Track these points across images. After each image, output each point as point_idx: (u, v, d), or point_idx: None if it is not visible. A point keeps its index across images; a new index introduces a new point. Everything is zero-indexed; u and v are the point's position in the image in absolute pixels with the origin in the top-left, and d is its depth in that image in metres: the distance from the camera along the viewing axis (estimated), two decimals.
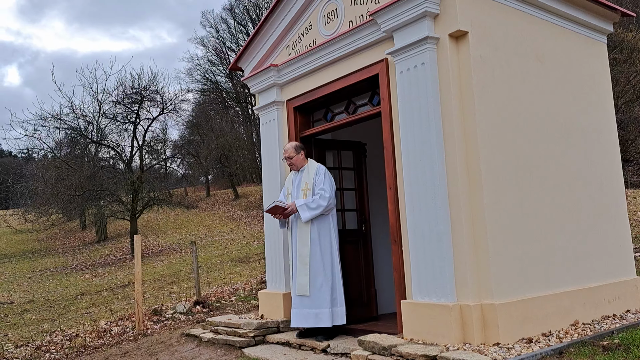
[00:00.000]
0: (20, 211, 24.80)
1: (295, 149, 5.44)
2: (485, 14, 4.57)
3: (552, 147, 5.01)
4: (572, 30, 5.50)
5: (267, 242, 6.22)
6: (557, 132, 5.10)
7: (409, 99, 4.55)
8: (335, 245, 5.24)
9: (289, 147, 5.45)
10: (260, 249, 16.50)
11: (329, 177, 5.32)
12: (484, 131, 4.35)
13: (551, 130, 5.03)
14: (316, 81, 5.67)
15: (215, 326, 5.98)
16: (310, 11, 5.85)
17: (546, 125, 4.99)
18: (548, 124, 5.01)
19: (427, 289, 4.32)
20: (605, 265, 5.30)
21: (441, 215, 4.28)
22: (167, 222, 29.54)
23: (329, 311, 5.01)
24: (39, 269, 20.14)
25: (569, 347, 4.01)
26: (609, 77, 5.99)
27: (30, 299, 12.62)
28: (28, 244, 28.00)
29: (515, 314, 4.18)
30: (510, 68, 4.73)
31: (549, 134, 5.00)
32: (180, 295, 10.33)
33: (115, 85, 23.94)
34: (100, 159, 24.12)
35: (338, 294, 5.14)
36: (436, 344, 4.08)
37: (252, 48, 6.47)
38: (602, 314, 5.02)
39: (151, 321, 7.53)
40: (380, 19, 4.73)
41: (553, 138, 5.04)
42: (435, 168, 4.33)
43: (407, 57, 4.56)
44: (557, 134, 5.10)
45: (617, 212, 5.65)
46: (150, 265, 17.38)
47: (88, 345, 6.55)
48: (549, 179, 4.89)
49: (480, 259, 4.20)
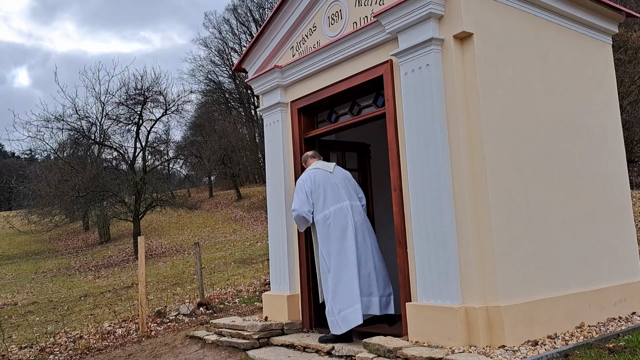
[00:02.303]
0: (23, 212, 24.86)
1: (302, 160, 5.58)
2: (490, 15, 4.55)
3: (557, 148, 4.99)
4: (576, 31, 5.48)
5: (271, 244, 6.20)
6: (562, 133, 5.08)
7: (414, 100, 4.54)
8: (324, 251, 5.06)
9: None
10: (264, 250, 16.49)
11: (297, 186, 5.22)
12: (489, 132, 4.33)
13: (556, 131, 5.02)
14: (320, 82, 5.67)
15: (219, 328, 5.97)
16: (315, 12, 5.84)
17: (551, 126, 4.97)
18: (553, 124, 5.00)
19: (433, 291, 4.31)
20: (610, 267, 5.28)
21: (446, 217, 4.26)
22: (170, 223, 29.56)
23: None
24: (42, 270, 20.18)
25: (575, 350, 3.99)
26: (614, 77, 5.96)
27: (34, 301, 12.64)
28: (31, 245, 28.05)
29: (521, 316, 4.16)
30: (515, 69, 4.72)
31: (554, 135, 4.98)
32: (184, 296, 10.33)
33: (119, 86, 23.93)
34: (103, 160, 24.17)
35: (328, 296, 4.98)
36: (441, 347, 4.06)
37: (256, 49, 6.47)
38: (607, 316, 4.99)
39: (155, 323, 7.53)
40: (384, 21, 4.71)
41: (558, 139, 5.02)
42: (440, 169, 4.31)
43: (412, 59, 4.55)
44: (563, 135, 5.08)
45: (623, 214, 5.62)
46: (153, 267, 17.39)
47: (92, 347, 6.55)
48: (554, 180, 4.87)
49: (485, 260, 4.19)
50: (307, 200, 5.07)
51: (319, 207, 5.06)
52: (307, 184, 5.11)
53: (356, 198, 5.19)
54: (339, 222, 5.02)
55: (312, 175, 5.15)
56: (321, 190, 5.09)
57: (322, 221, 5.06)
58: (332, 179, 5.16)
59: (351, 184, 5.25)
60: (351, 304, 4.85)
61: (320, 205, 5.06)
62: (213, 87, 40.25)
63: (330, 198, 5.08)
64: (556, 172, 4.91)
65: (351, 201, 5.11)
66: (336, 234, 5.00)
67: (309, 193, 5.08)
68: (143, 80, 23.51)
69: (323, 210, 5.06)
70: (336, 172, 5.24)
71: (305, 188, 5.10)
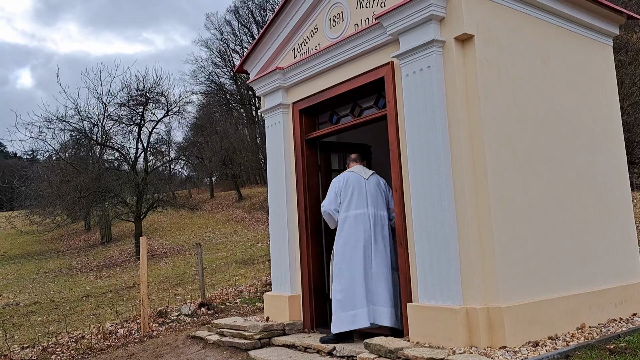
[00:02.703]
0: (25, 213, 24.86)
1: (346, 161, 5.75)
2: (491, 17, 4.57)
3: (558, 149, 5.00)
4: (577, 33, 5.49)
5: (273, 245, 6.22)
6: (563, 134, 5.09)
7: (415, 102, 4.56)
8: (337, 250, 5.23)
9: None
10: (264, 251, 16.51)
11: (331, 184, 5.43)
12: (490, 133, 4.35)
13: (557, 133, 5.03)
14: (322, 84, 5.69)
15: (220, 328, 5.99)
16: (316, 14, 5.86)
17: (552, 128, 4.99)
18: (554, 126, 5.01)
19: (433, 292, 4.32)
20: (611, 268, 5.29)
21: (447, 218, 4.28)
22: (171, 224, 29.59)
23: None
24: (43, 270, 20.21)
25: (576, 351, 4.01)
26: (614, 79, 5.98)
27: (36, 301, 12.66)
28: (33, 245, 28.09)
29: (522, 317, 4.18)
30: (516, 70, 4.74)
31: (555, 136, 4.99)
32: (185, 297, 10.36)
33: (120, 87, 23.98)
34: (105, 160, 24.19)
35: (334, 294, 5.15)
36: (442, 347, 4.08)
37: (258, 51, 6.49)
38: (608, 317, 5.00)
39: (156, 323, 7.55)
40: (386, 22, 4.73)
41: (559, 140, 5.03)
42: (442, 170, 4.33)
43: (413, 60, 4.57)
44: (563, 136, 5.09)
45: (624, 215, 5.63)
46: (155, 267, 17.41)
47: (94, 347, 6.57)
48: (555, 181, 4.89)
49: (486, 261, 4.20)
50: (335, 199, 5.29)
51: (343, 208, 5.27)
52: (338, 184, 5.34)
53: (384, 208, 5.30)
54: (356, 226, 5.15)
55: (345, 177, 5.36)
56: (349, 192, 5.27)
57: (341, 221, 5.26)
58: (364, 185, 5.31)
59: (382, 194, 5.36)
60: (352, 308, 4.96)
61: (345, 206, 5.26)
62: (214, 88, 40.30)
63: (354, 202, 5.23)
64: (557, 173, 4.92)
65: (376, 210, 5.24)
66: (351, 237, 5.15)
67: (338, 193, 5.31)
68: (145, 81, 23.56)
69: (345, 212, 5.25)
70: (371, 179, 5.37)
71: (336, 187, 5.33)
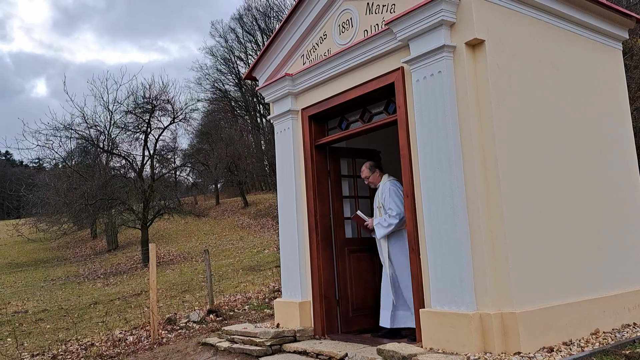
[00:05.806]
0: (32, 220, 24.94)
1: (369, 168, 5.66)
2: (502, 22, 4.57)
3: (570, 154, 4.99)
4: (587, 37, 5.49)
5: (283, 251, 6.21)
6: (574, 138, 5.08)
7: (426, 107, 4.56)
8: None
9: (363, 169, 5.69)
10: (271, 257, 16.50)
11: (395, 192, 5.39)
12: (501, 138, 4.34)
13: (568, 137, 5.02)
14: (331, 90, 5.70)
15: (231, 335, 5.98)
16: (325, 21, 5.88)
17: (563, 132, 4.97)
18: (565, 130, 5.00)
19: (446, 298, 4.30)
20: (624, 272, 5.25)
21: (459, 223, 4.26)
22: (178, 231, 29.60)
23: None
24: (51, 277, 20.24)
25: (591, 356, 3.98)
26: (624, 83, 5.97)
27: (44, 308, 12.68)
28: (40, 253, 28.16)
29: (536, 322, 4.15)
30: (527, 75, 4.73)
31: (566, 141, 4.98)
32: (193, 303, 10.34)
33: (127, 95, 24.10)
34: (112, 168, 24.25)
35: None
36: (456, 353, 4.05)
37: (267, 58, 6.51)
38: (622, 323, 4.97)
39: (165, 330, 7.54)
40: (396, 28, 4.75)
41: (570, 145, 5.02)
42: (453, 176, 4.32)
43: (423, 66, 4.58)
44: (575, 141, 5.08)
45: (636, 219, 5.60)
46: (162, 274, 17.40)
47: (104, 354, 6.56)
48: (567, 186, 4.87)
49: (499, 266, 4.18)
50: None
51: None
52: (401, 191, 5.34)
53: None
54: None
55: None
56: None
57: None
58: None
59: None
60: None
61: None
62: (219, 95, 40.42)
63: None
64: (569, 177, 4.91)
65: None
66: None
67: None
68: (151, 88, 23.65)
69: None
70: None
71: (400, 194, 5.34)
